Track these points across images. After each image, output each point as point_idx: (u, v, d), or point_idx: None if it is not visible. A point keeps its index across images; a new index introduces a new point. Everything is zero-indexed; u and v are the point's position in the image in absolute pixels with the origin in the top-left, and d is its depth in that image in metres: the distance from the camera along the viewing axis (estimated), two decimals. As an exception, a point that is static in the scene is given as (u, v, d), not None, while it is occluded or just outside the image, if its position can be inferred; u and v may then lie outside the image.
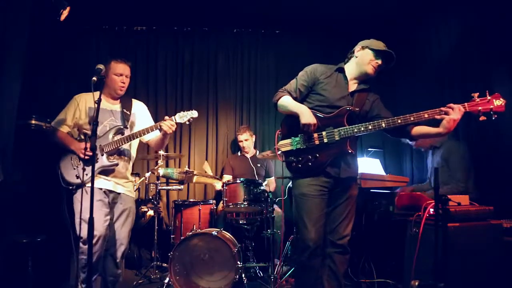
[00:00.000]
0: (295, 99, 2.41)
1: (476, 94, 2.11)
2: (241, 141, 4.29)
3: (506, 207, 2.63)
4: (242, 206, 3.38)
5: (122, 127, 2.69)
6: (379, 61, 2.34)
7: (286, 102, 2.38)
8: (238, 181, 3.46)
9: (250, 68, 4.79)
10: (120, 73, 2.71)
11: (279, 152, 2.42)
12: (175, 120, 2.58)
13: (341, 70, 2.43)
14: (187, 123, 2.63)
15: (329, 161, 2.29)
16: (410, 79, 4.32)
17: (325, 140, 2.29)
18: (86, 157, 2.51)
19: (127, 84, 2.77)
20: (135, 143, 2.81)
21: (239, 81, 4.77)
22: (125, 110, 2.76)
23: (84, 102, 2.68)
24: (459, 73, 3.51)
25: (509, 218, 2.58)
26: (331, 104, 2.34)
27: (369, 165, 3.96)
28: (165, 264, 3.54)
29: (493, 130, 3.10)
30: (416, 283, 2.24)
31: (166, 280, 3.12)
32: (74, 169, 2.57)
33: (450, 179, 3.16)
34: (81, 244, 2.47)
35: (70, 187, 2.56)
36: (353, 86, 2.41)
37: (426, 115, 2.14)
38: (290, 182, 3.26)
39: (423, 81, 4.06)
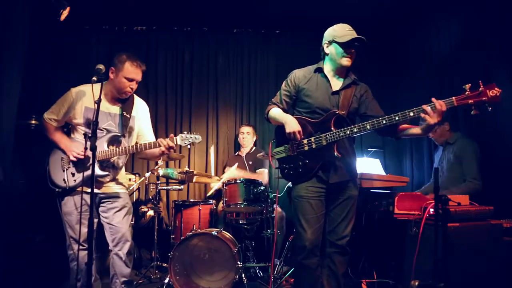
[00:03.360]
0: (284, 109, 2.45)
1: (468, 86, 2.00)
2: (242, 132, 4.29)
3: (506, 207, 2.62)
4: (242, 206, 3.38)
5: (119, 135, 2.48)
6: (352, 50, 2.29)
7: (274, 113, 2.44)
8: (238, 181, 3.46)
9: (250, 68, 4.79)
10: (132, 78, 2.43)
11: (273, 160, 2.46)
12: (176, 142, 2.40)
13: (320, 70, 2.41)
14: (188, 147, 2.46)
15: (318, 166, 2.30)
16: (410, 79, 4.31)
17: (314, 146, 2.30)
18: (75, 159, 2.38)
19: (134, 90, 2.52)
20: None
21: (239, 81, 4.77)
22: (125, 113, 2.52)
23: (80, 100, 2.45)
24: (459, 73, 3.50)
25: (509, 218, 2.58)
26: (317, 109, 2.34)
27: (369, 165, 3.96)
28: (165, 264, 3.53)
29: (493, 129, 3.09)
30: (416, 283, 2.23)
31: (166, 280, 3.11)
32: (63, 171, 2.42)
33: (466, 176, 3.08)
34: (69, 252, 2.43)
35: (57, 190, 2.41)
36: (336, 83, 2.38)
37: (411, 114, 2.09)
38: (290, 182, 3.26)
39: (423, 81, 4.06)
